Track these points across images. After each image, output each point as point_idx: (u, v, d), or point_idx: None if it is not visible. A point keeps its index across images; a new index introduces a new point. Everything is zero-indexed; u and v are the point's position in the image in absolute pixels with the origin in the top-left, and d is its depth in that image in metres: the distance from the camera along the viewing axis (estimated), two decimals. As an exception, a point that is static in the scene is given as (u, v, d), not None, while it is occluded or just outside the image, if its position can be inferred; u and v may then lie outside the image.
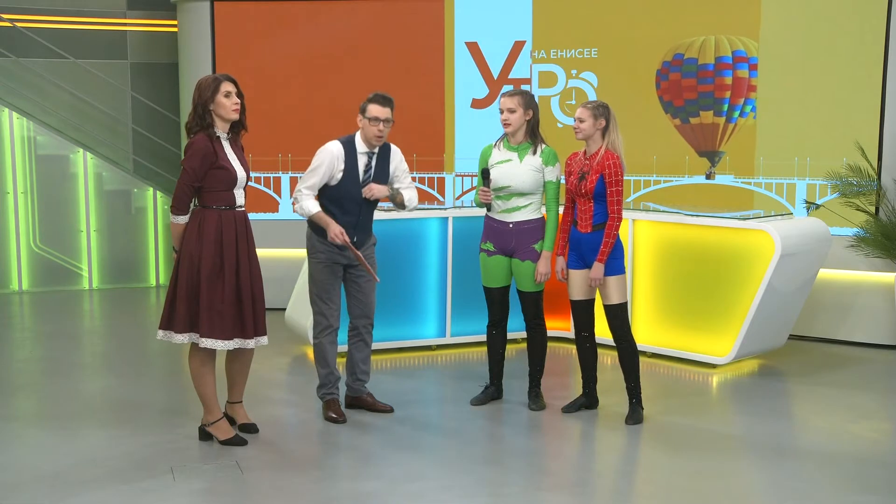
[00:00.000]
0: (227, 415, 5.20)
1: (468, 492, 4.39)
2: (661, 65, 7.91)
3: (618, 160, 5.22)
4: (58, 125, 9.88)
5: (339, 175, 5.24)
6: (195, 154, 4.76)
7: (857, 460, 4.87)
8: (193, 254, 4.78)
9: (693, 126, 7.84)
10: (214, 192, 4.81)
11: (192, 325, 4.82)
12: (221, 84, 4.81)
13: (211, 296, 4.78)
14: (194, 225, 4.80)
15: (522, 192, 5.42)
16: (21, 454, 4.93)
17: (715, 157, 7.79)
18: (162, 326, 4.87)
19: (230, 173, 4.82)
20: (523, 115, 5.40)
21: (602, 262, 5.25)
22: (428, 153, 8.54)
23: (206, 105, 4.79)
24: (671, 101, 7.90)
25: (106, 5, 10.08)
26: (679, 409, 5.73)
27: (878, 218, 7.08)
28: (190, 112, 4.85)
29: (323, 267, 5.34)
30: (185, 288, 4.78)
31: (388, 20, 8.53)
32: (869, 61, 7.19)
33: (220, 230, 4.80)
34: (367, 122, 5.25)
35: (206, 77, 4.87)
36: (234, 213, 4.87)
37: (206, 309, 4.78)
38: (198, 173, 4.76)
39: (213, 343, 4.80)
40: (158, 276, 10.09)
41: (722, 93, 7.72)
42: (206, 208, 4.82)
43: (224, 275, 4.80)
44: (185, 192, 4.78)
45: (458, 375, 6.53)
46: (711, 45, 7.71)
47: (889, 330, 7.28)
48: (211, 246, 4.78)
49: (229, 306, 4.81)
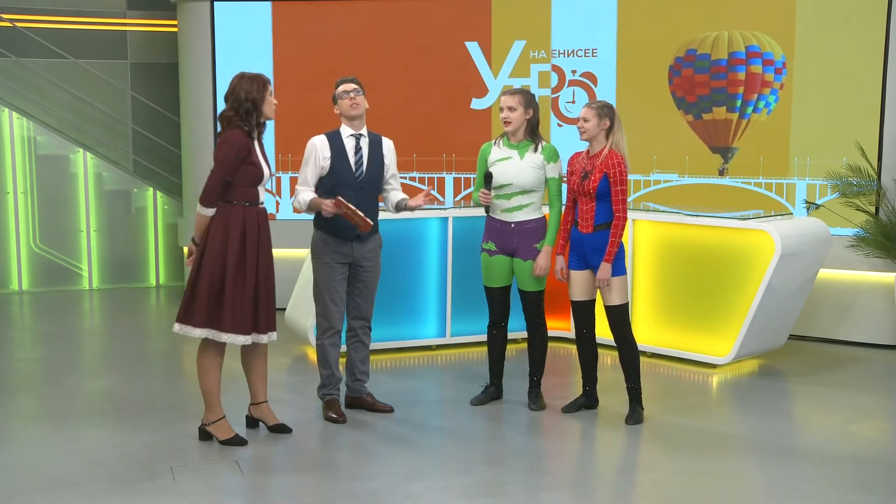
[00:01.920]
0: (252, 418, 5.22)
1: (468, 492, 4.39)
2: (673, 60, 7.88)
3: (622, 160, 5.23)
4: (58, 125, 9.88)
5: (326, 163, 5.27)
6: (231, 148, 4.79)
7: (857, 460, 4.87)
8: (218, 249, 4.79)
9: (706, 122, 7.82)
10: (241, 187, 4.84)
11: (211, 320, 4.81)
12: (268, 83, 4.90)
13: (235, 291, 4.79)
14: (220, 220, 4.81)
15: (524, 189, 5.42)
16: (21, 454, 4.93)
17: (728, 154, 7.77)
18: (179, 320, 4.86)
19: (258, 170, 4.86)
20: (523, 113, 5.41)
21: (609, 263, 5.25)
22: (428, 153, 8.54)
23: (258, 103, 4.84)
24: (684, 96, 7.88)
25: (106, 5, 10.07)
26: (679, 409, 5.72)
27: (878, 218, 7.08)
28: (230, 106, 4.85)
29: (327, 268, 5.34)
30: (209, 283, 4.78)
31: (388, 20, 8.53)
32: (869, 61, 7.19)
33: (244, 226, 4.83)
34: (340, 100, 5.31)
35: (250, 74, 4.90)
36: (256, 210, 4.90)
37: (230, 304, 4.78)
38: (231, 167, 4.79)
39: (234, 338, 4.81)
40: (158, 276, 10.09)
41: (735, 88, 7.69)
42: (230, 204, 4.84)
43: (246, 270, 4.83)
44: (217, 185, 4.80)
45: (458, 375, 6.53)
46: (724, 40, 7.68)
47: (889, 330, 7.28)
48: (237, 242, 4.80)
49: (250, 301, 4.84)
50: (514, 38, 8.33)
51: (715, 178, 7.85)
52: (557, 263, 5.49)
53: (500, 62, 8.40)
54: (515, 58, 8.36)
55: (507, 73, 8.39)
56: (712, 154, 7.87)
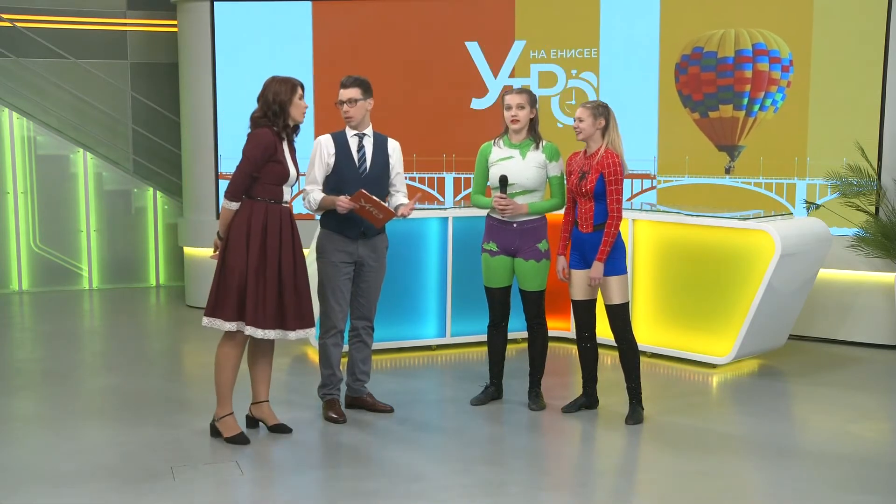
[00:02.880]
0: (253, 417, 5.23)
1: (468, 492, 4.39)
2: (679, 58, 7.86)
3: (617, 160, 5.23)
4: (58, 125, 9.88)
5: (332, 160, 5.33)
6: (258, 144, 4.90)
7: (857, 460, 4.87)
8: (241, 243, 4.87)
9: (712, 120, 7.80)
10: (266, 184, 4.93)
11: (239, 312, 4.88)
12: (298, 87, 4.99)
13: (258, 286, 4.86)
14: (243, 215, 4.90)
15: (527, 188, 5.43)
16: (21, 454, 4.93)
17: (734, 152, 7.76)
18: (208, 314, 4.92)
19: (285, 169, 4.95)
20: (530, 112, 5.44)
21: (602, 262, 5.25)
22: (428, 153, 8.54)
23: (285, 105, 4.94)
24: (690, 94, 7.86)
25: (106, 5, 10.08)
26: (679, 409, 5.73)
27: (878, 218, 7.08)
28: (259, 107, 4.98)
29: (333, 268, 5.35)
30: (235, 276, 4.85)
31: (388, 20, 8.53)
32: (869, 61, 7.19)
33: (265, 222, 4.90)
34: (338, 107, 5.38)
35: (281, 77, 5.01)
36: (280, 208, 4.97)
37: (252, 297, 4.85)
38: (258, 163, 4.89)
39: (254, 331, 4.87)
40: (158, 276, 10.10)
41: (742, 86, 7.68)
42: (254, 200, 4.92)
43: (267, 266, 4.88)
44: (242, 179, 4.90)
45: (458, 375, 6.53)
46: (731, 38, 7.67)
47: (889, 330, 7.28)
48: (258, 237, 4.88)
49: (272, 297, 4.88)
50: (515, 38, 8.34)
51: (716, 178, 7.85)
52: (559, 264, 5.49)
53: (499, 62, 8.41)
54: (515, 58, 8.37)
55: (507, 73, 8.40)
56: (712, 155, 7.86)
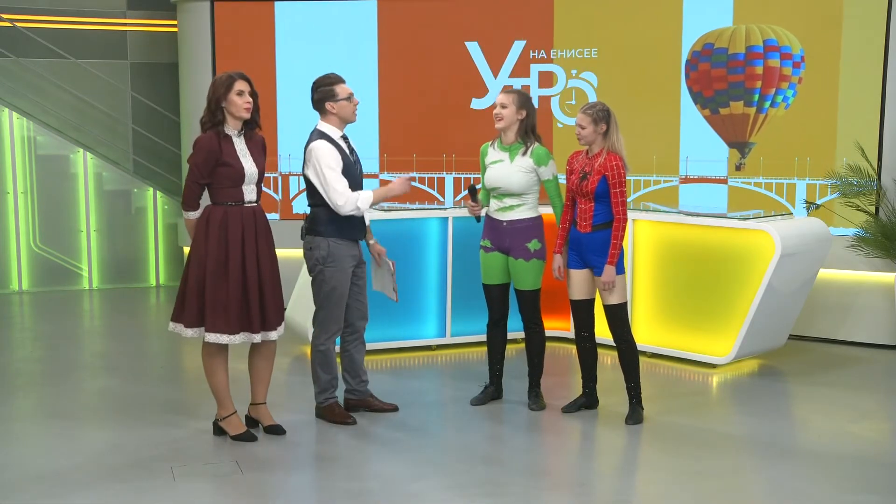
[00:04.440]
0: (251, 417, 5.22)
1: (468, 492, 4.39)
2: (690, 55, 7.84)
3: (620, 162, 5.22)
4: (58, 125, 9.87)
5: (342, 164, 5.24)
6: (199, 151, 4.86)
7: (857, 460, 4.87)
8: (200, 249, 4.84)
9: (723, 116, 7.78)
10: (222, 188, 4.88)
11: (200, 319, 4.86)
12: (235, 82, 4.86)
13: (215, 291, 4.81)
14: (202, 221, 4.88)
15: (512, 192, 5.43)
16: (21, 454, 4.93)
17: (745, 148, 7.74)
18: (173, 319, 4.93)
19: (236, 170, 4.86)
20: (515, 112, 5.40)
21: (613, 265, 5.25)
22: (428, 153, 8.54)
23: (219, 102, 4.86)
24: (701, 91, 7.83)
25: (106, 5, 10.07)
26: (679, 409, 5.73)
27: (878, 218, 7.08)
28: (205, 108, 4.91)
29: (344, 274, 5.24)
30: (194, 282, 4.83)
31: (387, 20, 8.53)
32: (869, 61, 7.19)
33: (224, 226, 4.84)
34: (345, 101, 5.24)
35: (222, 74, 4.92)
36: (241, 210, 4.90)
37: (210, 303, 4.82)
38: (202, 170, 4.84)
39: (217, 337, 4.84)
40: (158, 276, 10.09)
41: (752, 83, 7.65)
42: (214, 204, 4.90)
43: (229, 270, 4.83)
44: (191, 189, 4.89)
45: (458, 375, 6.53)
46: (742, 34, 7.65)
47: (889, 330, 7.28)
48: (215, 241, 4.83)
49: (234, 301, 4.83)
50: (515, 38, 8.34)
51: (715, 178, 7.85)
52: (555, 262, 5.50)
53: (499, 62, 8.40)
54: (515, 58, 8.36)
55: (507, 73, 8.39)
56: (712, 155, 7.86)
